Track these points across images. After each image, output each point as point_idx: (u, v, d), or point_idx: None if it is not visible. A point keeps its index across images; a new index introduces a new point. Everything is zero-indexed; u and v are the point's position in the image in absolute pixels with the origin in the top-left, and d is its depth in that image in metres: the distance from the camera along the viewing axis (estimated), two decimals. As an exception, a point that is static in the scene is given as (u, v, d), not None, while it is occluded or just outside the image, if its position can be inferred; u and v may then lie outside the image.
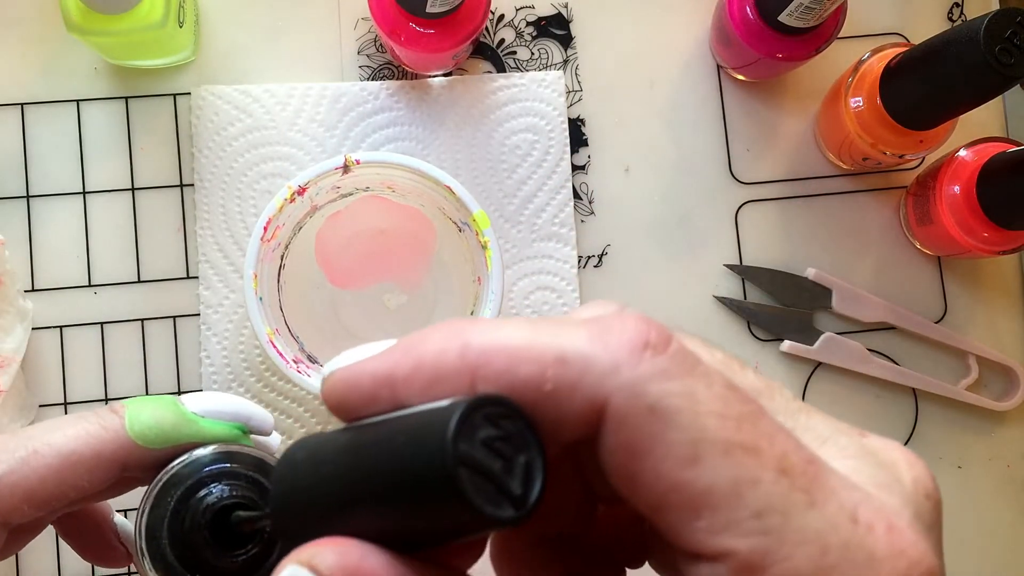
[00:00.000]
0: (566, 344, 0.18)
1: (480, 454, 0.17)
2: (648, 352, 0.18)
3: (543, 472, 0.18)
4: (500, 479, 0.17)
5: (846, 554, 0.17)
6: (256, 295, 0.45)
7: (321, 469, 0.20)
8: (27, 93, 0.53)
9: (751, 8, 0.51)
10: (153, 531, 0.30)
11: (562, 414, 0.18)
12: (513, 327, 0.19)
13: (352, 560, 0.18)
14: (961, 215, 0.50)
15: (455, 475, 0.17)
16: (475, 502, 0.17)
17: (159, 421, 0.31)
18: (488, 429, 0.18)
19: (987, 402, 0.55)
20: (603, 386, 0.18)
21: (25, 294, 0.51)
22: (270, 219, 0.45)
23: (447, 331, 0.19)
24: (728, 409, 0.18)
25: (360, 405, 0.20)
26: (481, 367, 0.18)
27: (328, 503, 0.20)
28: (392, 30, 0.49)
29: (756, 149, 0.56)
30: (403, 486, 0.18)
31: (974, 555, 0.55)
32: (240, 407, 0.33)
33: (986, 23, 0.42)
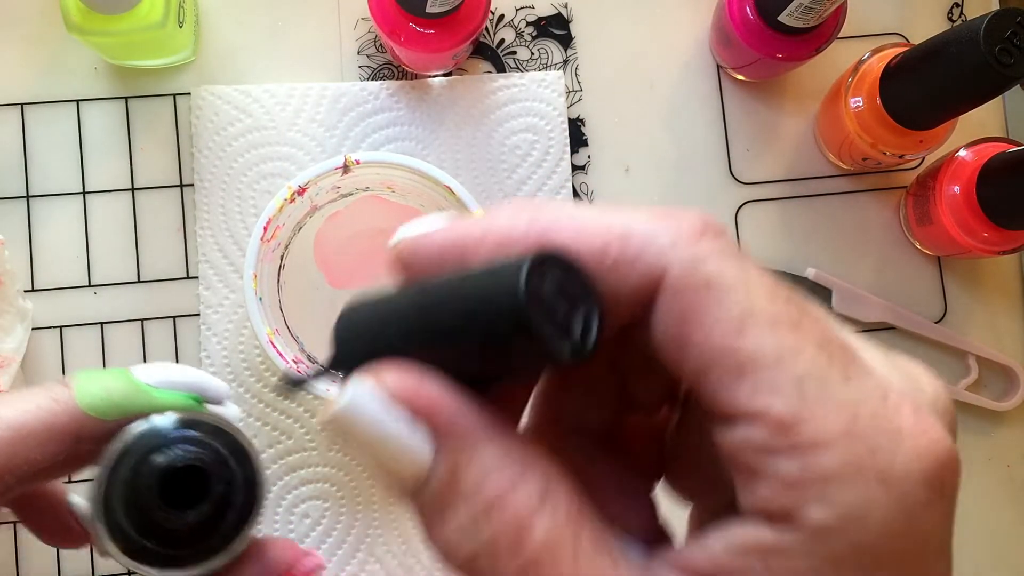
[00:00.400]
0: (630, 221, 0.20)
1: (547, 294, 0.19)
2: (707, 235, 0.19)
3: (600, 324, 0.19)
4: (563, 320, 0.19)
5: (874, 424, 0.18)
6: (256, 295, 0.45)
7: (386, 311, 0.22)
8: (27, 93, 0.53)
9: (751, 8, 0.51)
10: (108, 500, 0.30)
11: (621, 286, 0.20)
12: (581, 207, 0.20)
13: (412, 380, 0.19)
14: (961, 215, 0.50)
15: (527, 307, 0.18)
16: (543, 332, 0.18)
17: (109, 392, 0.31)
18: (553, 281, 0.19)
19: (987, 402, 0.55)
20: (664, 258, 0.19)
21: (25, 294, 0.51)
22: (270, 219, 0.45)
23: (517, 206, 0.21)
24: (776, 292, 0.19)
25: (428, 267, 0.21)
26: (551, 236, 0.20)
27: (393, 341, 0.21)
28: (392, 30, 0.49)
29: (756, 149, 0.56)
30: (473, 318, 0.19)
31: (974, 555, 0.55)
32: (193, 377, 0.33)
33: (986, 23, 0.42)
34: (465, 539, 0.19)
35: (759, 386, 0.18)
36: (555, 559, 0.19)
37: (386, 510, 0.51)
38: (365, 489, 0.51)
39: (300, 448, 0.51)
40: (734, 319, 0.19)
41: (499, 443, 0.20)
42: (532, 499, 0.19)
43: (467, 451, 0.19)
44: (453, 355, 0.20)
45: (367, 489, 0.51)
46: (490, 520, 0.19)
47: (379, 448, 0.20)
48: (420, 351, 0.20)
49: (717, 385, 0.19)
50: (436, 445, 0.19)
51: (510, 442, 0.20)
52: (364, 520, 0.51)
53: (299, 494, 0.51)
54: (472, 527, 0.19)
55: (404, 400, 0.19)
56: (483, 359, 0.20)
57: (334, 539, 0.51)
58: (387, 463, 0.20)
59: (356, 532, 0.51)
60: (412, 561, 0.51)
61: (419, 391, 0.19)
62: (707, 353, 0.19)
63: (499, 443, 0.20)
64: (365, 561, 0.51)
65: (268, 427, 0.51)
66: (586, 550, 0.19)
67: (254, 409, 0.51)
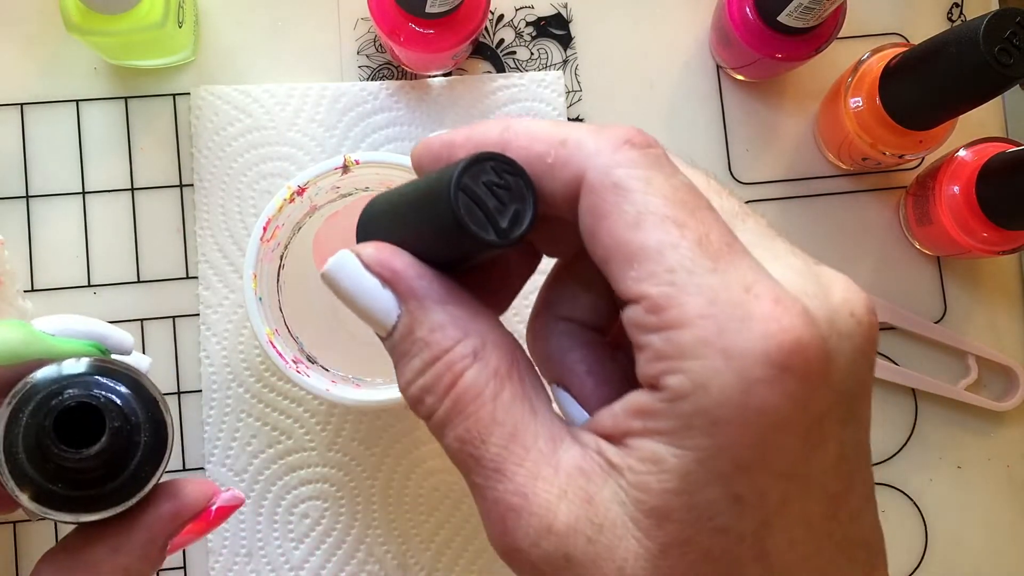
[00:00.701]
0: (571, 132, 0.24)
1: (480, 190, 0.23)
2: (627, 146, 0.23)
3: (531, 217, 0.23)
4: (491, 212, 0.23)
5: (727, 308, 0.21)
6: (255, 295, 0.45)
7: (386, 203, 0.27)
8: (27, 93, 0.53)
9: (751, 8, 0.51)
10: (10, 448, 0.30)
11: (557, 181, 0.24)
12: (543, 122, 0.25)
13: (385, 254, 0.25)
14: (961, 215, 0.50)
15: (455, 197, 0.23)
16: (464, 220, 0.23)
17: (5, 338, 0.31)
18: (493, 176, 0.23)
19: (987, 402, 0.55)
20: (586, 163, 0.23)
21: (25, 294, 0.51)
22: (269, 219, 0.45)
23: (500, 119, 0.25)
24: (675, 196, 0.22)
25: (431, 162, 0.26)
26: (511, 142, 0.24)
27: (384, 225, 0.26)
28: (392, 30, 0.49)
29: (756, 149, 0.56)
30: (423, 209, 0.24)
31: (974, 555, 0.55)
32: (94, 325, 0.34)
33: (986, 23, 0.42)
34: (416, 381, 0.24)
35: (641, 273, 0.22)
36: (476, 401, 0.24)
37: (386, 510, 0.51)
38: (365, 489, 0.51)
39: (300, 448, 0.51)
40: (631, 216, 0.22)
41: (449, 309, 0.24)
42: (467, 354, 0.24)
43: (421, 311, 0.24)
44: (423, 240, 0.25)
45: (367, 490, 0.51)
46: (433, 368, 0.24)
47: (356, 303, 0.25)
48: (401, 235, 0.25)
49: (615, 271, 0.23)
50: (400, 304, 0.25)
51: (460, 310, 0.24)
52: (364, 520, 0.51)
53: (298, 494, 0.51)
54: (421, 371, 0.24)
55: (376, 267, 0.25)
56: (442, 244, 0.24)
57: (334, 539, 0.51)
58: (364, 315, 0.25)
59: (356, 532, 0.51)
60: (411, 562, 0.51)
61: (388, 262, 0.25)
62: (609, 244, 0.22)
63: (449, 309, 0.24)
64: (364, 561, 0.51)
65: (268, 427, 0.51)
66: (504, 399, 0.24)
67: (254, 409, 0.51)
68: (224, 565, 0.50)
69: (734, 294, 0.21)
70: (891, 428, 0.55)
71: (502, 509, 0.23)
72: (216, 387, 0.51)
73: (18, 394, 0.30)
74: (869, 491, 0.24)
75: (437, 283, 0.25)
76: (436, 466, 0.52)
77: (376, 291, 0.25)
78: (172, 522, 0.33)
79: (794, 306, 0.21)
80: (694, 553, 0.22)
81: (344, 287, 0.25)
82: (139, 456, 0.31)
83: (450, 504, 0.52)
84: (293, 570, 0.51)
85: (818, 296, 0.23)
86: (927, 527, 0.54)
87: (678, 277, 0.21)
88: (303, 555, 0.51)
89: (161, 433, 0.31)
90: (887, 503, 0.54)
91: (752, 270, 0.22)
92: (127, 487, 0.31)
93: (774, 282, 0.22)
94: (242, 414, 0.51)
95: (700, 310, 0.21)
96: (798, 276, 0.23)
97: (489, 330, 0.25)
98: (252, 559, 0.51)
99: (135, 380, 0.31)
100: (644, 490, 0.22)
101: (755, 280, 0.22)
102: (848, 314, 0.23)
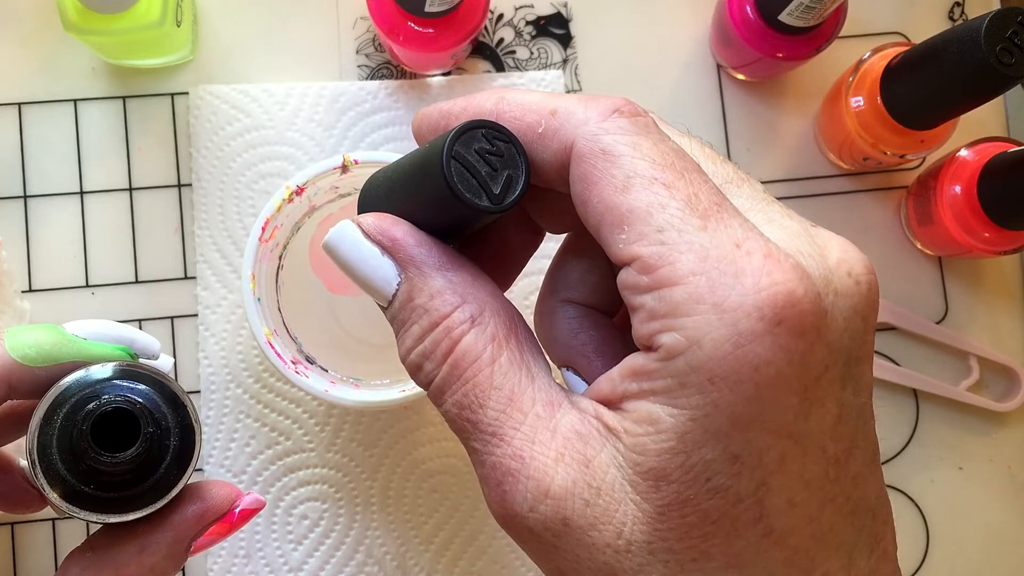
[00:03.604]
0: (561, 102, 0.24)
1: (472, 157, 0.23)
2: (615, 115, 0.24)
3: (523, 184, 0.24)
4: (484, 179, 0.24)
5: (718, 264, 0.21)
6: (254, 295, 0.45)
7: (384, 176, 0.27)
8: (24, 92, 0.53)
9: (751, 8, 0.50)
10: (44, 448, 0.30)
11: (547, 150, 0.24)
12: (536, 93, 0.25)
13: (386, 223, 0.25)
14: (962, 215, 0.50)
15: (447, 165, 0.23)
16: (457, 187, 0.23)
17: (39, 341, 0.32)
18: (485, 143, 0.24)
19: (988, 403, 0.54)
20: (575, 131, 0.24)
21: (22, 294, 0.51)
22: (268, 219, 0.45)
23: (495, 90, 0.26)
24: (663, 159, 0.23)
25: (429, 131, 0.27)
26: (504, 112, 0.25)
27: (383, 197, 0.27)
28: (391, 29, 0.49)
29: (756, 149, 0.56)
30: (418, 178, 0.25)
31: (975, 556, 0.54)
32: (123, 330, 0.34)
33: (987, 23, 0.41)
34: (415, 348, 0.25)
35: (631, 235, 0.22)
36: (474, 366, 0.24)
37: (385, 512, 0.51)
38: (364, 491, 0.51)
39: (299, 449, 0.51)
40: (619, 181, 0.23)
41: (448, 275, 0.25)
42: (464, 319, 0.24)
43: (420, 278, 0.25)
44: (421, 209, 0.25)
45: (366, 491, 0.51)
46: (432, 334, 0.24)
47: (356, 272, 0.25)
48: (399, 206, 0.26)
49: (607, 236, 0.23)
50: (399, 272, 0.25)
51: (459, 276, 0.25)
52: (363, 522, 0.51)
53: (297, 495, 0.51)
54: (420, 338, 0.25)
55: (375, 236, 0.25)
56: (438, 211, 0.25)
57: (332, 540, 0.51)
58: (364, 284, 0.25)
59: (355, 534, 0.51)
60: (411, 563, 0.51)
61: (388, 230, 0.25)
62: (599, 209, 0.23)
63: (448, 275, 0.25)
64: (364, 563, 0.51)
65: (266, 428, 0.51)
66: (502, 364, 0.24)
67: (252, 410, 0.51)
68: (223, 566, 0.50)
69: (725, 250, 0.21)
70: (892, 429, 0.55)
71: (499, 474, 0.23)
72: (215, 388, 0.51)
73: (53, 396, 0.31)
74: (872, 456, 0.23)
75: (436, 250, 0.25)
76: (435, 467, 0.52)
77: (376, 259, 0.25)
78: (197, 523, 0.33)
79: (786, 260, 0.21)
80: (693, 515, 0.21)
81: (345, 256, 0.25)
82: (168, 460, 0.31)
83: (449, 505, 0.52)
84: (292, 571, 0.50)
85: (813, 256, 0.23)
86: (928, 528, 0.54)
87: (668, 236, 0.22)
88: (302, 556, 0.51)
89: (189, 437, 0.32)
90: (888, 504, 0.54)
91: (743, 227, 0.22)
92: (156, 489, 0.31)
93: (765, 239, 0.22)
94: (240, 415, 0.51)
95: (691, 267, 0.21)
96: (793, 237, 0.23)
97: (488, 296, 0.25)
98: (251, 560, 0.50)
99: (165, 385, 0.32)
100: (641, 452, 0.22)
101: (745, 237, 0.22)
102: (845, 273, 0.23)
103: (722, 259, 0.21)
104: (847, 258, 0.23)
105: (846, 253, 0.23)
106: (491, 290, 0.25)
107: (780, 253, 0.22)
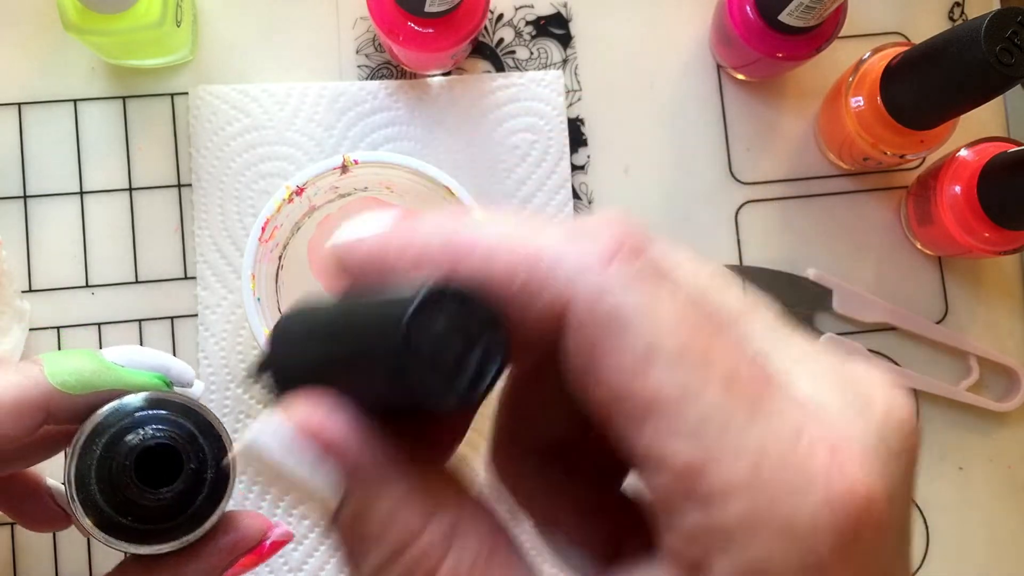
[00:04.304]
0: (541, 244, 0.19)
1: (435, 337, 0.18)
2: (618, 259, 0.18)
3: (499, 364, 0.19)
4: (449, 365, 0.18)
5: (779, 470, 0.17)
6: (254, 296, 0.45)
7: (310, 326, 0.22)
8: (24, 93, 0.53)
9: (751, 8, 0.50)
10: (82, 477, 0.30)
11: (529, 312, 0.19)
12: (500, 223, 0.19)
13: (320, 416, 0.19)
14: (962, 215, 0.50)
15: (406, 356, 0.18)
16: (419, 382, 0.18)
17: (78, 368, 0.31)
18: (450, 318, 0.18)
19: (988, 403, 0.54)
20: (568, 288, 0.18)
21: (22, 295, 0.51)
22: (268, 219, 0.45)
23: (440, 218, 0.20)
24: (685, 321, 0.18)
25: (358, 272, 0.21)
26: (462, 258, 0.19)
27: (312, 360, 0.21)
28: (391, 29, 0.49)
29: (756, 149, 0.56)
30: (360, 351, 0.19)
31: (975, 556, 0.54)
32: (159, 358, 0.34)
33: (987, 23, 0.41)
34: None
35: (660, 430, 0.17)
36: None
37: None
38: (364, 490, 0.51)
39: (298, 449, 0.51)
40: (637, 356, 0.18)
41: (407, 481, 0.19)
42: (438, 540, 0.19)
43: (373, 490, 0.19)
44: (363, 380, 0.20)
45: (366, 490, 0.51)
46: (398, 563, 0.19)
47: (287, 485, 0.19)
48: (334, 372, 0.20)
49: (623, 428, 0.18)
50: (343, 484, 0.19)
51: (419, 480, 0.19)
52: (363, 521, 0.51)
53: (297, 495, 0.51)
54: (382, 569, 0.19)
55: (310, 437, 0.19)
56: (385, 398, 0.19)
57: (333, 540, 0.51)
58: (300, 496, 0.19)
59: (355, 533, 0.51)
60: (411, 562, 0.51)
61: (326, 428, 0.19)
62: (611, 393, 0.18)
63: (407, 481, 0.19)
64: (364, 562, 0.51)
65: (266, 428, 0.51)
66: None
67: (252, 411, 0.51)
68: (222, 566, 0.50)
69: (783, 449, 0.17)
70: (892, 429, 0.55)
71: None
72: (214, 388, 0.51)
73: (92, 425, 0.31)
74: None
75: (388, 447, 0.19)
76: (435, 467, 0.52)
77: (309, 470, 0.19)
78: (229, 555, 0.33)
79: (851, 449, 0.18)
80: None
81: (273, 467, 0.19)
82: (205, 492, 0.31)
83: (449, 505, 0.51)
84: (292, 571, 0.50)
85: (863, 413, 0.19)
86: (928, 528, 0.54)
87: (709, 433, 0.17)
88: (302, 556, 0.51)
89: (224, 470, 0.32)
90: (888, 504, 0.54)
91: (797, 407, 0.18)
92: (192, 522, 0.31)
93: (822, 417, 0.18)
94: (240, 415, 0.51)
95: (745, 476, 0.17)
96: (833, 389, 0.19)
97: (458, 500, 0.19)
98: (251, 560, 0.50)
99: (203, 417, 0.32)
100: None
101: (800, 422, 0.18)
102: (895, 427, 0.19)
103: (783, 461, 0.17)
104: (892, 404, 0.19)
105: (890, 397, 0.20)
106: (458, 487, 0.20)
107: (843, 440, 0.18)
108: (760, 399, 0.18)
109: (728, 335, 0.18)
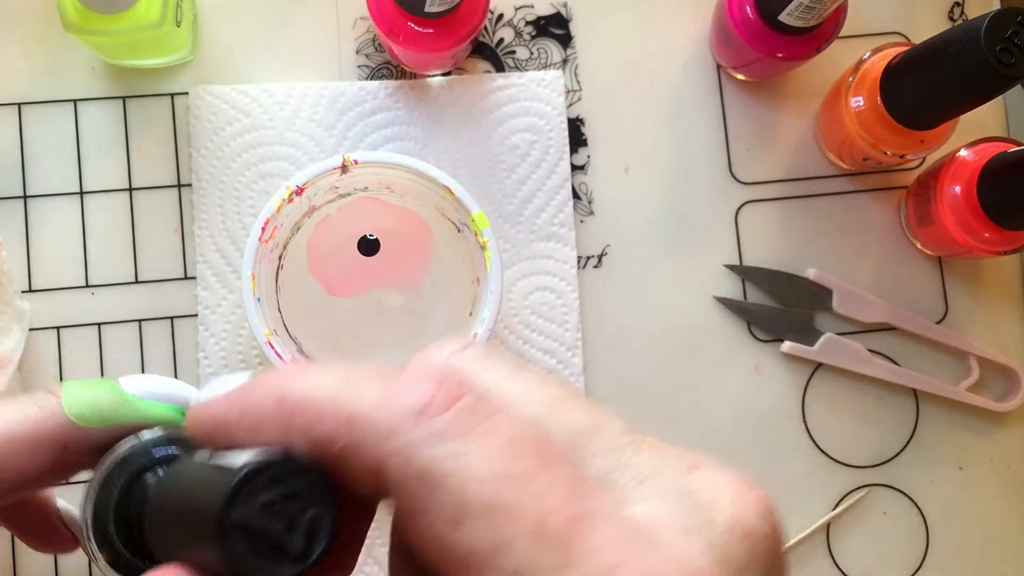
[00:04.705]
0: (359, 404, 0.19)
1: (258, 518, 0.19)
2: (427, 415, 0.19)
3: (330, 526, 0.19)
4: (279, 539, 0.19)
5: None
6: (254, 296, 0.44)
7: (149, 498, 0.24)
8: (24, 93, 0.53)
9: (751, 8, 0.50)
10: (100, 517, 0.30)
11: (353, 470, 0.19)
12: (329, 380, 0.20)
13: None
14: (962, 215, 0.50)
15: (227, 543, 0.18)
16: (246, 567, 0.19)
17: (96, 401, 0.31)
18: (274, 489, 0.19)
19: (988, 403, 0.54)
20: (380, 450, 0.19)
21: (22, 295, 0.51)
22: (268, 219, 0.45)
23: (272, 381, 0.21)
24: (499, 466, 0.18)
25: (206, 443, 0.22)
26: (292, 419, 0.20)
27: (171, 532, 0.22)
28: (391, 29, 0.48)
29: (756, 149, 0.56)
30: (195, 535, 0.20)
31: (975, 556, 0.54)
32: (177, 389, 0.33)
33: (987, 23, 0.41)
34: None
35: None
36: None
37: (384, 513, 0.51)
38: (364, 490, 0.51)
39: (298, 449, 0.51)
40: (449, 513, 0.18)
41: None
42: None
43: None
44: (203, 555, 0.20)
45: (366, 490, 0.51)
46: None
47: None
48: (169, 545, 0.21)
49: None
50: None
51: None
52: (363, 521, 0.51)
53: (297, 495, 0.51)
54: None
55: None
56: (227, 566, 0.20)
57: (332, 540, 0.51)
58: None
59: (355, 533, 0.51)
60: (411, 563, 0.51)
61: None
62: (433, 547, 0.18)
63: None
64: (363, 563, 0.51)
65: (266, 428, 0.51)
66: None
67: (252, 410, 0.51)
68: (222, 567, 0.50)
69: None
70: (892, 429, 0.55)
71: None
72: (214, 388, 0.51)
73: (111, 465, 0.30)
74: None
75: None
76: (435, 467, 0.52)
77: None
78: None
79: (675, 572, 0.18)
80: None
81: None
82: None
83: (449, 505, 0.51)
84: (292, 572, 0.50)
85: (701, 529, 0.19)
86: (928, 528, 0.54)
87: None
88: None
89: None
90: (888, 504, 0.54)
91: (611, 546, 0.18)
92: None
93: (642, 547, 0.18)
94: (240, 415, 0.51)
95: None
96: (671, 508, 0.19)
97: None
98: (251, 560, 0.50)
99: None
100: None
101: (622, 556, 0.17)
102: (740, 538, 0.19)
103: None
104: (738, 515, 0.19)
105: (735, 506, 0.19)
106: None
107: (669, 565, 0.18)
108: (572, 543, 0.17)
109: (557, 466, 0.18)
